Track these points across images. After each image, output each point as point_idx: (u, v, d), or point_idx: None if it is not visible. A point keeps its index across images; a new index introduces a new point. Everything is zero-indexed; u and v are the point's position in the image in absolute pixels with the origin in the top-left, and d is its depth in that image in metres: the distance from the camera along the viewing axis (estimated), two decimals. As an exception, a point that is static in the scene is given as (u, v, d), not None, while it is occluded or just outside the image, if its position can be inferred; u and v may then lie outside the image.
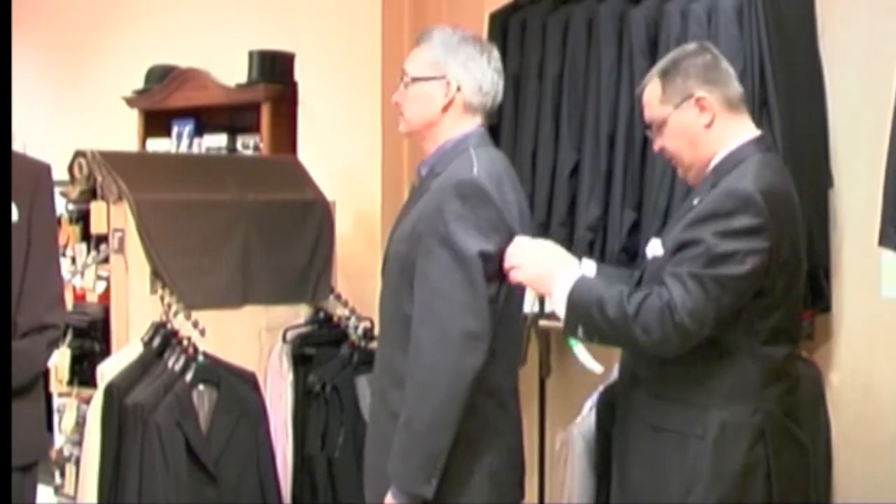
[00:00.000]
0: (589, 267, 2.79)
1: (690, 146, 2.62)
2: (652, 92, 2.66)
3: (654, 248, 2.62)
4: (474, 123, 2.70)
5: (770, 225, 2.44)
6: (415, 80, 2.69)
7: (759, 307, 2.49)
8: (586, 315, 2.51)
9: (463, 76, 2.67)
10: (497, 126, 3.68)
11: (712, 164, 2.61)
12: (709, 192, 2.54)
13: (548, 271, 2.57)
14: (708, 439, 2.48)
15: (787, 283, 2.53)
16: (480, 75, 2.68)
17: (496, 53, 2.77)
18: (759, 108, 3.15)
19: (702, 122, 2.59)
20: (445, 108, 2.67)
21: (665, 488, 2.53)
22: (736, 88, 2.64)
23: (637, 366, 2.65)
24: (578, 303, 2.52)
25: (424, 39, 2.72)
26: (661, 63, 2.70)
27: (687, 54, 2.67)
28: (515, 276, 2.56)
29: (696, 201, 2.58)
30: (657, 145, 2.70)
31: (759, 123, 3.12)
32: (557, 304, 2.55)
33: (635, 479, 2.62)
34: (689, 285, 2.42)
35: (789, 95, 3.21)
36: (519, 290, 2.71)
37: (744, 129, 2.63)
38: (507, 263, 2.56)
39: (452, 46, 2.67)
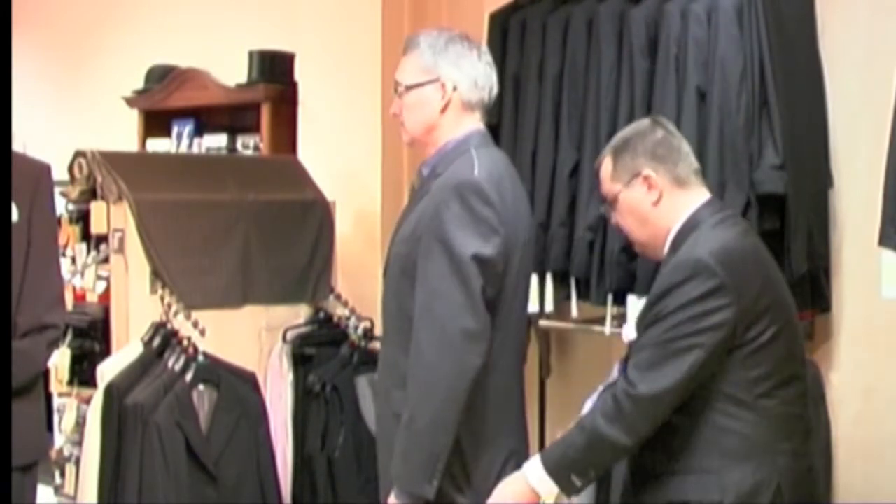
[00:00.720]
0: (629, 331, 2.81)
1: (641, 224, 2.64)
2: (605, 168, 2.69)
3: (629, 332, 2.68)
4: (474, 121, 2.71)
5: (727, 283, 2.43)
6: (409, 88, 2.70)
7: (746, 360, 2.47)
8: (567, 464, 2.49)
9: (456, 75, 2.67)
10: (497, 126, 3.68)
11: (669, 240, 2.60)
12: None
13: (513, 484, 2.55)
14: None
15: (774, 331, 2.49)
16: (473, 71, 2.69)
17: (485, 48, 2.78)
18: (759, 108, 3.15)
19: (649, 200, 2.60)
20: (444, 110, 2.68)
21: None
22: (687, 165, 2.64)
23: (640, 458, 2.60)
24: (553, 464, 2.51)
25: (411, 46, 2.73)
26: (614, 140, 2.72)
27: (637, 132, 2.68)
28: None
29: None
30: (613, 220, 2.72)
31: (759, 123, 3.13)
32: (542, 484, 2.51)
33: None
34: (643, 361, 2.45)
35: (789, 95, 3.21)
36: (522, 291, 2.72)
37: (691, 200, 2.61)
38: None
39: (440, 48, 2.68)
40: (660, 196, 2.60)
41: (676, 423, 2.49)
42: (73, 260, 3.71)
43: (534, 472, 2.52)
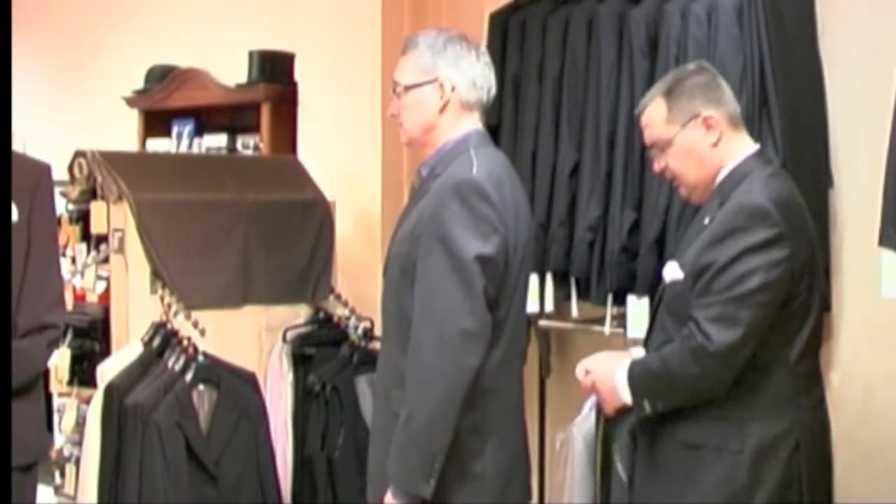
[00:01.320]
0: (638, 353, 2.81)
1: (697, 165, 2.65)
2: (655, 112, 2.68)
3: (672, 271, 2.64)
4: (473, 121, 2.71)
5: (786, 233, 2.48)
6: (408, 88, 2.69)
7: (790, 315, 2.52)
8: (642, 386, 2.57)
9: (455, 75, 2.67)
10: (497, 126, 3.68)
11: (717, 181, 2.64)
12: (718, 210, 2.57)
13: (614, 385, 2.63)
14: (745, 454, 2.50)
15: (809, 287, 2.56)
16: (471, 71, 2.69)
17: (483, 48, 2.78)
18: (759, 108, 3.16)
19: (708, 141, 2.63)
20: (442, 110, 2.68)
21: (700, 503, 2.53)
22: (735, 106, 2.69)
23: None
24: (633, 379, 2.59)
25: (410, 47, 2.72)
26: (664, 83, 2.72)
27: (689, 74, 2.70)
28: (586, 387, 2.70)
29: (706, 220, 2.61)
30: (658, 165, 2.72)
31: (759, 123, 3.13)
32: (623, 389, 2.61)
33: (664, 495, 2.61)
34: (717, 315, 2.46)
35: (789, 95, 3.21)
36: (521, 291, 2.72)
37: (745, 145, 2.67)
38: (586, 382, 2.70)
39: (439, 48, 2.68)
40: (719, 137, 2.63)
41: None
42: (73, 260, 3.71)
43: (622, 374, 2.60)
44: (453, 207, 2.53)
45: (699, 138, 2.63)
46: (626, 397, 2.60)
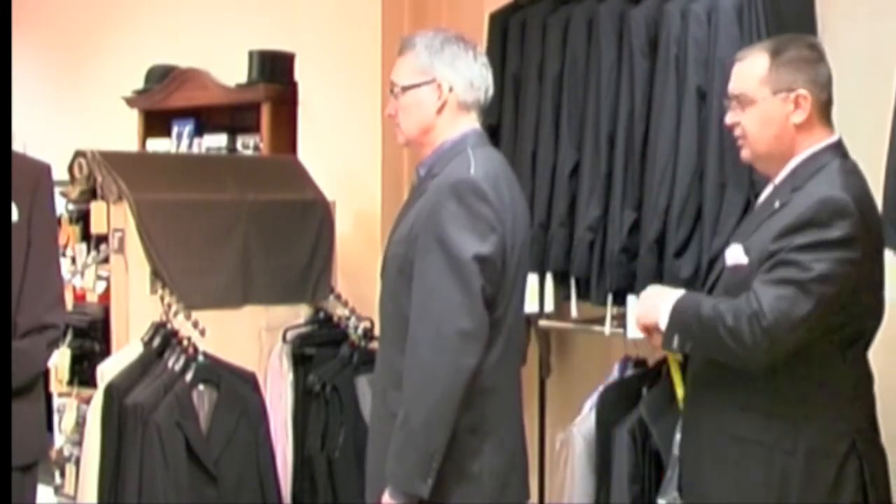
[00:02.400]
0: None
1: (774, 138, 2.56)
2: (755, 66, 2.57)
3: (736, 255, 2.56)
4: (470, 121, 2.71)
5: (860, 235, 2.42)
6: (405, 88, 2.69)
7: (852, 318, 2.48)
8: (682, 321, 2.50)
9: (452, 75, 2.67)
10: (497, 126, 3.68)
11: (792, 165, 2.57)
12: (790, 196, 2.51)
13: (657, 303, 2.57)
14: (798, 455, 2.45)
15: (872, 288, 2.53)
16: (468, 71, 2.69)
17: (481, 49, 2.78)
18: (759, 108, 3.15)
19: (793, 120, 2.54)
20: (440, 111, 2.68)
21: (750, 500, 2.50)
22: (830, 94, 2.60)
23: (716, 371, 2.58)
24: (678, 310, 2.51)
25: (407, 47, 2.72)
26: (773, 42, 2.62)
27: (802, 43, 2.61)
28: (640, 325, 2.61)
29: (777, 204, 2.54)
30: (731, 119, 2.62)
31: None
32: (663, 318, 2.53)
33: (714, 485, 2.58)
34: (780, 293, 2.39)
35: (789, 95, 3.21)
36: (519, 291, 2.72)
37: (826, 134, 2.58)
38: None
39: (436, 49, 2.68)
40: (805, 119, 2.54)
41: (770, 372, 2.47)
42: (73, 260, 3.71)
43: (667, 303, 2.53)
44: (451, 207, 2.54)
45: (785, 113, 2.54)
46: (663, 321, 2.52)
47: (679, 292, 2.59)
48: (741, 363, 2.44)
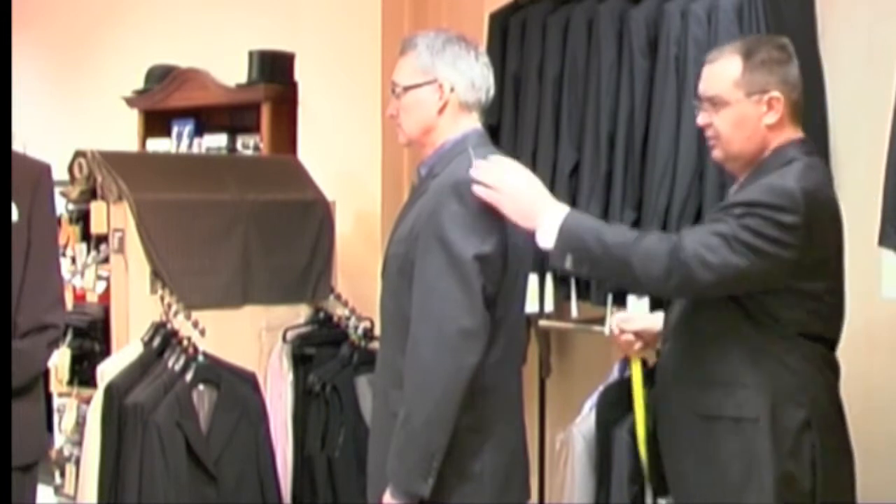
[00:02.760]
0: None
1: (746, 139, 2.59)
2: (728, 68, 2.59)
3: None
4: (472, 121, 2.71)
5: (804, 225, 2.45)
6: (407, 89, 2.69)
7: (796, 304, 2.52)
8: (579, 242, 2.50)
9: (453, 76, 2.67)
10: (497, 126, 3.68)
11: (759, 160, 2.61)
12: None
13: (530, 203, 2.53)
14: (762, 421, 2.50)
15: (827, 285, 2.56)
16: (470, 72, 2.69)
17: (482, 49, 2.78)
18: (759, 108, 3.16)
19: (766, 121, 2.57)
20: (441, 111, 2.68)
21: (724, 475, 2.55)
22: (800, 92, 2.63)
23: (679, 358, 2.66)
24: (572, 230, 2.51)
25: (409, 47, 2.72)
26: (744, 43, 2.65)
27: (772, 44, 2.63)
28: (490, 197, 2.51)
29: (733, 190, 2.62)
30: (703, 120, 2.65)
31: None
32: (547, 234, 2.51)
33: (690, 470, 2.63)
34: (708, 233, 2.45)
35: (789, 95, 3.21)
36: (520, 290, 2.72)
37: (794, 132, 2.62)
38: (482, 178, 2.52)
39: (438, 49, 2.68)
40: (777, 120, 2.57)
41: (723, 342, 2.54)
42: (73, 260, 3.71)
43: (551, 217, 2.51)
44: (452, 207, 2.54)
45: (759, 114, 2.57)
46: (546, 234, 2.51)
47: (560, 204, 2.57)
48: (645, 286, 2.53)
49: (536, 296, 3.53)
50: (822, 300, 2.57)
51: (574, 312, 3.57)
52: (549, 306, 3.60)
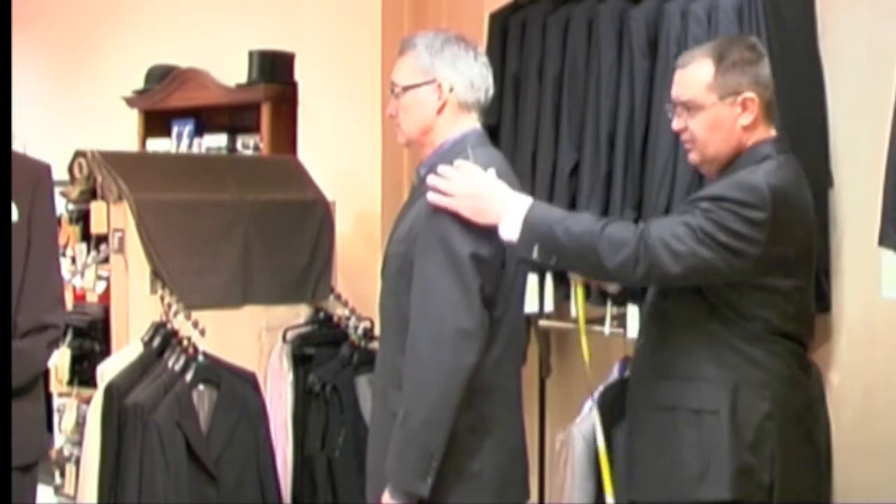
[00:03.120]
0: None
1: (722, 141, 2.60)
2: (700, 72, 2.60)
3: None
4: (471, 121, 2.71)
5: (770, 222, 2.46)
6: (406, 88, 2.69)
7: (762, 300, 2.53)
8: (545, 231, 2.50)
9: (453, 76, 2.67)
10: (497, 126, 3.68)
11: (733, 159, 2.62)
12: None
13: (490, 201, 2.53)
14: (722, 414, 2.50)
15: (794, 283, 2.57)
16: (469, 72, 2.69)
17: (481, 49, 2.78)
18: (758, 108, 3.16)
19: (741, 122, 2.59)
20: (440, 111, 2.68)
21: (681, 467, 2.55)
22: (773, 91, 2.64)
23: (647, 351, 2.68)
24: (537, 220, 2.51)
25: (408, 47, 2.72)
26: (716, 46, 2.65)
27: (742, 46, 2.63)
28: (445, 202, 2.52)
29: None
30: (678, 125, 2.66)
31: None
32: (511, 226, 2.51)
33: (647, 462, 2.64)
34: (676, 223, 2.47)
35: (789, 96, 3.21)
36: (519, 289, 2.72)
37: (766, 130, 2.64)
38: (437, 185, 2.53)
39: (437, 49, 2.68)
40: (752, 121, 2.58)
41: (687, 336, 2.56)
42: (73, 260, 3.71)
43: (513, 211, 2.51)
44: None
45: (733, 116, 2.58)
46: (509, 227, 2.50)
47: (522, 197, 2.57)
48: (613, 275, 2.53)
49: (536, 296, 3.53)
50: (789, 298, 2.57)
51: (574, 312, 3.56)
52: (549, 306, 3.60)
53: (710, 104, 2.58)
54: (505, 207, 2.53)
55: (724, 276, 2.49)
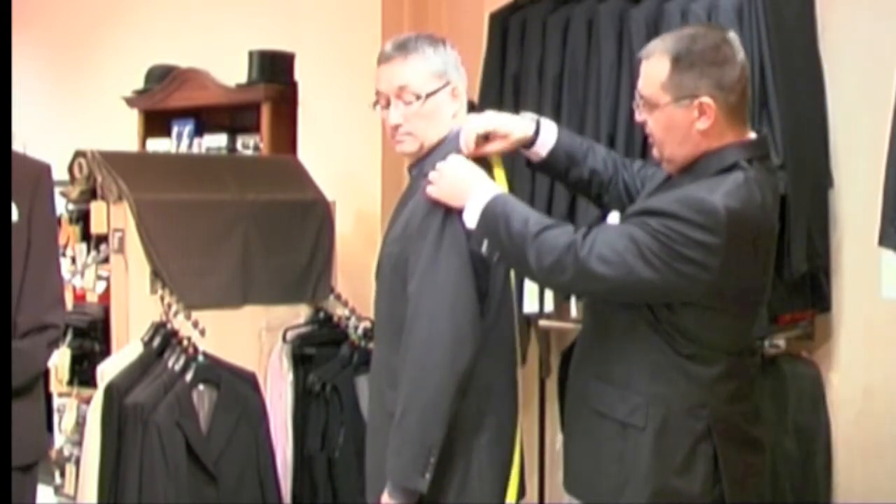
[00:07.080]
0: (549, 127, 2.73)
1: (678, 143, 2.43)
2: (657, 70, 2.41)
3: (613, 219, 2.60)
4: (462, 119, 2.69)
5: (722, 248, 2.30)
6: (428, 95, 2.61)
7: (706, 321, 2.40)
8: (493, 227, 2.45)
9: (457, 77, 2.67)
10: (497, 126, 3.68)
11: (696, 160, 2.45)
12: (684, 186, 2.41)
13: (464, 184, 2.51)
14: (648, 432, 2.40)
15: (740, 309, 2.44)
16: (462, 70, 2.69)
17: (450, 43, 2.73)
18: (759, 108, 3.15)
19: (698, 127, 2.39)
20: (455, 115, 2.66)
21: (602, 478, 2.48)
22: (742, 91, 2.42)
23: (586, 349, 2.60)
24: (490, 213, 2.46)
25: (409, 50, 2.63)
26: (676, 42, 2.41)
27: (704, 44, 2.39)
28: (432, 191, 2.53)
29: (661, 178, 2.53)
30: (639, 117, 2.50)
31: (759, 123, 3.13)
32: (471, 215, 2.48)
33: (576, 461, 2.59)
34: (618, 235, 2.35)
35: (789, 95, 3.21)
36: (516, 288, 2.72)
37: (736, 134, 2.43)
38: (434, 178, 2.53)
39: (441, 50, 2.66)
40: (709, 126, 2.38)
41: (626, 343, 2.44)
42: (73, 260, 3.71)
43: (476, 200, 2.48)
44: (444, 205, 2.54)
45: (689, 120, 2.38)
46: (470, 216, 2.47)
47: (490, 186, 2.52)
48: (541, 280, 2.53)
49: (536, 296, 3.53)
50: (736, 320, 2.44)
51: (574, 312, 3.56)
52: (548, 306, 3.60)
53: (663, 104, 2.40)
54: (473, 193, 2.49)
55: (664, 297, 2.36)
